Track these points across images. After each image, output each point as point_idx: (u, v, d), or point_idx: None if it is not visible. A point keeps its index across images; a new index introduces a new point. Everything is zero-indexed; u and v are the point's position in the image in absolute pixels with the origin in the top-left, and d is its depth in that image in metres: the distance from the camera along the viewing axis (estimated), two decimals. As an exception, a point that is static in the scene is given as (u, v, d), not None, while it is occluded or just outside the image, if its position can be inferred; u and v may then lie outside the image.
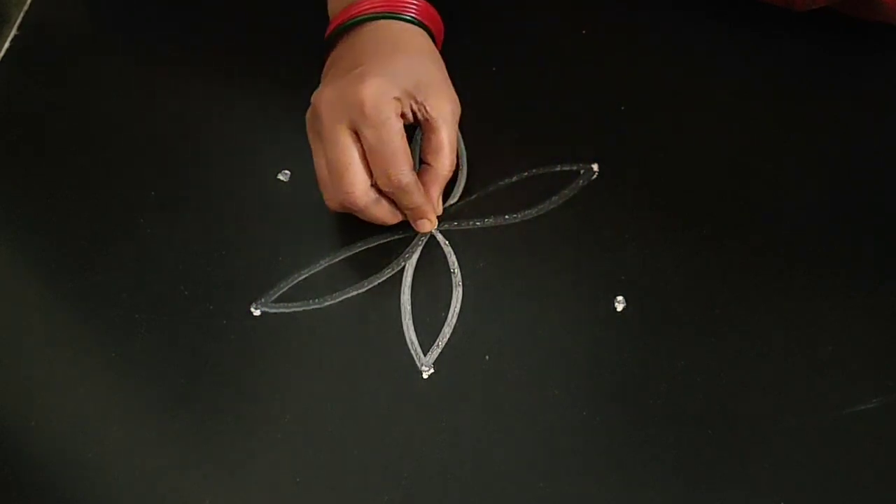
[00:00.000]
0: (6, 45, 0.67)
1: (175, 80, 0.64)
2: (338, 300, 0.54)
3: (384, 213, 0.54)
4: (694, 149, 0.57)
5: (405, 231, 0.56)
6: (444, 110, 0.53)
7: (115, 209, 0.59)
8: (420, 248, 0.56)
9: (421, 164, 0.55)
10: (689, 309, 0.52)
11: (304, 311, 0.54)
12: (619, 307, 0.52)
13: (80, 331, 0.55)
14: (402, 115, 0.52)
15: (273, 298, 0.55)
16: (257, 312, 0.54)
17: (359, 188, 0.52)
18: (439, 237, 0.56)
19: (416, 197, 0.53)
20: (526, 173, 0.57)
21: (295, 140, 0.60)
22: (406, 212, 0.54)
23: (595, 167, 0.57)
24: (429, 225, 0.55)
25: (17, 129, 0.64)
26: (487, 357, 0.52)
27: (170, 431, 0.52)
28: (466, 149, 0.59)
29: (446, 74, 0.55)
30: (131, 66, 0.66)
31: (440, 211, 0.55)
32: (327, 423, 0.51)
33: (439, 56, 0.56)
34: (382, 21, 0.55)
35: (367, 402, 0.51)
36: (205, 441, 0.51)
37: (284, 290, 0.55)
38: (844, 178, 0.56)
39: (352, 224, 0.57)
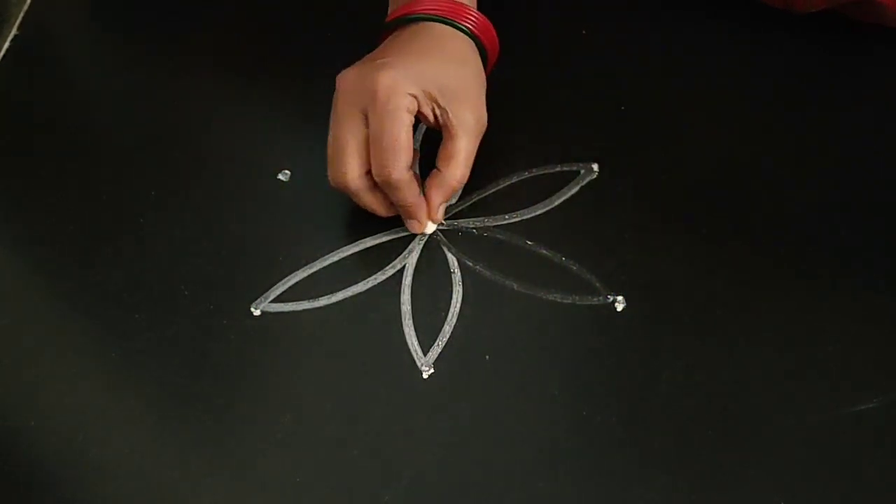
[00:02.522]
0: (6, 45, 0.67)
1: (175, 79, 0.64)
2: (337, 300, 0.54)
3: (375, 204, 0.54)
4: (694, 149, 0.57)
5: (405, 231, 0.56)
6: (466, 121, 0.53)
7: (115, 209, 0.59)
8: (420, 248, 0.56)
9: (434, 167, 0.54)
10: (689, 309, 0.52)
11: (304, 310, 0.54)
12: (619, 307, 0.52)
13: (80, 331, 0.55)
14: (422, 116, 0.52)
15: (273, 298, 0.55)
16: (257, 312, 0.54)
17: (352, 172, 0.52)
18: (439, 237, 0.56)
19: (407, 195, 0.53)
20: (526, 173, 0.57)
21: (295, 140, 0.60)
22: (398, 208, 0.54)
23: (595, 167, 0.57)
24: (418, 226, 0.55)
25: (18, 129, 0.64)
26: (487, 357, 0.52)
27: (170, 431, 0.52)
28: (466, 149, 0.59)
29: (481, 89, 0.54)
30: (131, 65, 0.66)
31: (438, 218, 0.55)
32: (327, 423, 0.51)
33: (481, 71, 0.55)
34: (437, 24, 0.54)
35: (367, 402, 0.51)
36: (205, 441, 0.51)
37: (284, 289, 0.55)
38: (844, 178, 0.56)
39: (352, 224, 0.57)
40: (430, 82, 0.52)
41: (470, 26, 0.55)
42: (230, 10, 0.67)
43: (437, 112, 0.52)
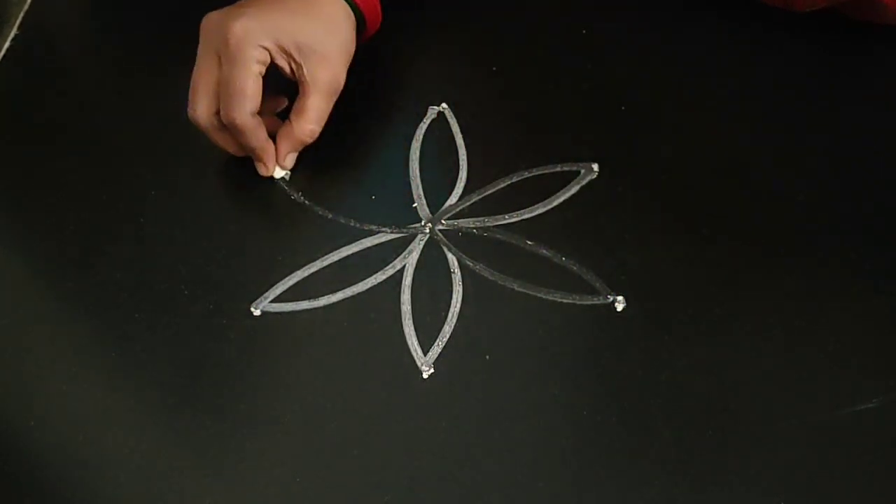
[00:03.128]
0: (6, 45, 0.67)
1: (175, 80, 0.64)
2: (338, 300, 0.54)
3: (226, 143, 0.57)
4: (694, 149, 0.57)
5: (405, 231, 0.56)
6: (319, 78, 0.54)
7: (115, 209, 0.59)
8: (420, 248, 0.56)
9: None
10: (690, 309, 0.52)
11: (304, 310, 0.54)
12: (619, 307, 0.52)
13: (80, 331, 0.55)
14: (278, 68, 0.54)
15: (273, 298, 0.55)
16: (257, 312, 0.54)
17: (201, 111, 0.55)
18: (439, 237, 0.56)
19: (251, 140, 0.55)
20: (526, 173, 0.57)
21: (295, 140, 0.60)
22: (246, 149, 0.56)
23: (595, 167, 0.57)
24: (264, 170, 0.58)
25: (18, 129, 0.64)
26: (487, 357, 0.52)
27: (170, 431, 0.52)
28: (466, 148, 0.59)
29: (343, 51, 0.56)
30: (131, 66, 0.66)
31: (286, 165, 0.58)
32: (327, 423, 0.51)
33: (349, 36, 0.56)
34: None
35: (367, 402, 0.51)
36: (205, 441, 0.51)
37: (284, 289, 0.55)
38: (844, 178, 0.56)
39: (352, 224, 0.57)
40: (287, 37, 0.53)
41: None
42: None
43: (293, 67, 0.54)
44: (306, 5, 0.55)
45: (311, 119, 0.55)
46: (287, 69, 0.55)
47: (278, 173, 0.58)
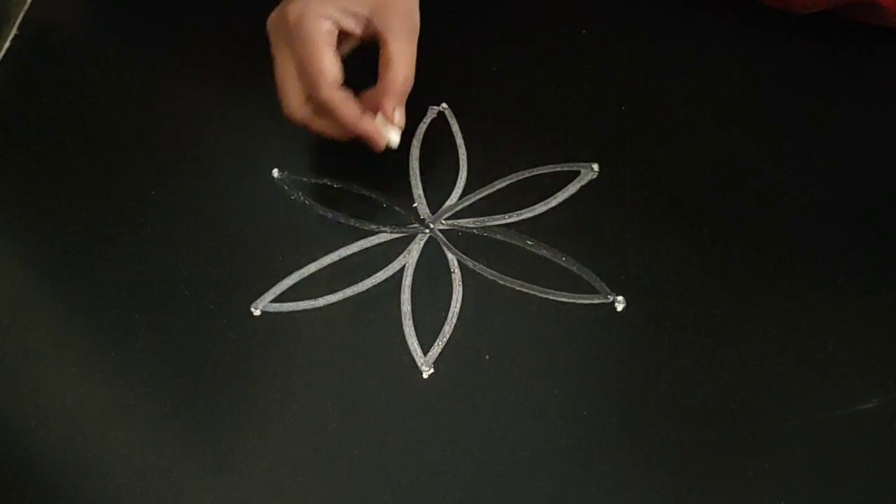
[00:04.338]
0: (6, 45, 0.67)
1: (175, 79, 0.64)
2: (338, 300, 0.54)
3: (328, 128, 0.54)
4: (694, 149, 0.57)
5: (405, 231, 0.56)
6: (393, 24, 0.52)
7: (115, 209, 0.59)
8: (420, 248, 0.56)
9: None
10: (690, 309, 0.52)
11: (304, 310, 0.54)
12: (619, 307, 0.52)
13: (80, 331, 0.55)
14: (350, 32, 0.53)
15: (273, 298, 0.55)
16: (257, 312, 0.54)
17: (294, 102, 0.53)
18: (439, 237, 0.56)
19: (345, 112, 0.52)
20: (526, 173, 0.57)
21: (295, 139, 0.60)
22: (349, 129, 0.54)
23: (595, 167, 0.57)
24: (377, 140, 0.53)
25: (17, 129, 0.64)
26: (487, 357, 0.52)
27: (170, 431, 0.52)
28: (466, 148, 0.59)
29: None
30: (131, 66, 0.66)
31: (397, 121, 0.54)
32: (327, 423, 0.51)
33: None
34: None
35: (367, 402, 0.51)
36: (205, 441, 0.51)
37: (284, 289, 0.55)
38: (844, 178, 0.56)
39: (352, 224, 0.57)
40: None
41: None
42: (229, 11, 0.67)
43: (364, 24, 0.53)
44: None
45: (401, 65, 0.52)
46: (358, 30, 0.53)
47: (393, 136, 0.54)
